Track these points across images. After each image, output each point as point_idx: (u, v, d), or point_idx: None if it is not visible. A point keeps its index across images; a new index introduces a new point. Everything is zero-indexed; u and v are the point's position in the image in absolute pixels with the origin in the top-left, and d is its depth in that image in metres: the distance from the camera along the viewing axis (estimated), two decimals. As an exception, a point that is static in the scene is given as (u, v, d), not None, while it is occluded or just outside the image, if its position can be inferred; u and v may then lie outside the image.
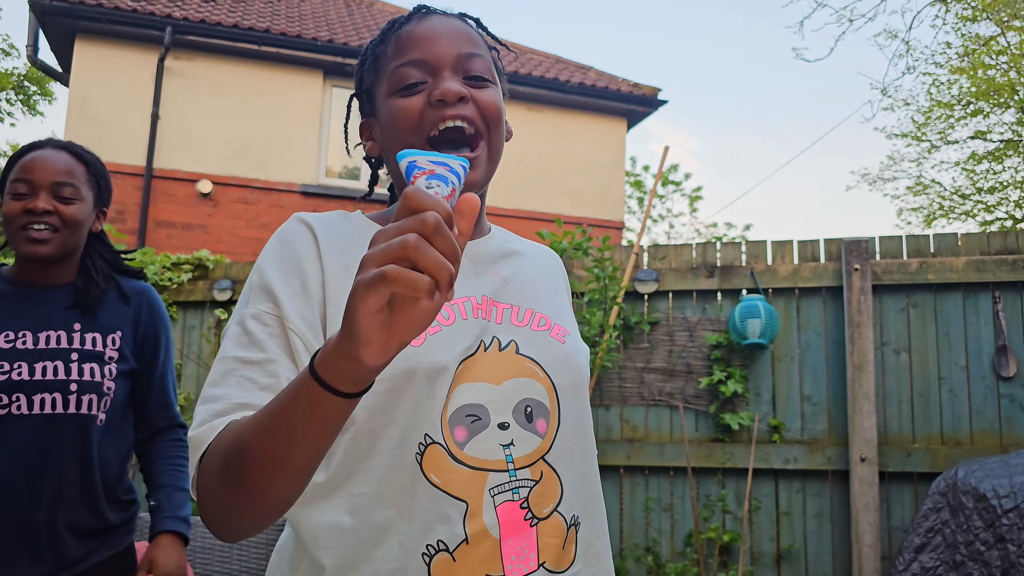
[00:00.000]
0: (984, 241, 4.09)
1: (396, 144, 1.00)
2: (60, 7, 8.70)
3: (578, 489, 1.00)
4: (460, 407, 0.94)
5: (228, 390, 0.89)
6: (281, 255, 0.97)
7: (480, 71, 1.01)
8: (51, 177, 1.69)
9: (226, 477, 0.80)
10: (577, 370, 1.05)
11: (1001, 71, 14.31)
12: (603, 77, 10.95)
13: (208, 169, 9.10)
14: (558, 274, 1.20)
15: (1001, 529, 3.27)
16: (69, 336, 1.69)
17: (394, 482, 0.91)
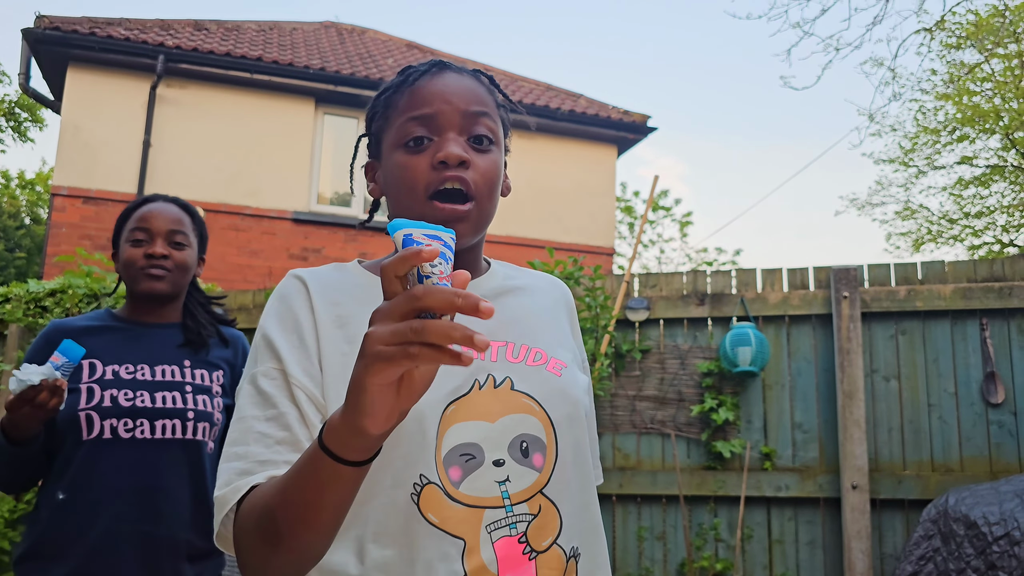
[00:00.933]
0: (971, 268, 4.13)
1: (398, 198, 1.05)
2: (53, 36, 8.74)
3: (577, 520, 1.03)
4: (454, 447, 0.97)
5: (248, 448, 0.94)
6: (279, 312, 1.04)
7: (484, 132, 1.05)
8: (166, 226, 1.94)
9: (263, 539, 0.87)
10: (574, 402, 1.06)
11: (986, 97, 14.50)
12: (593, 104, 11.04)
13: (199, 196, 9.10)
14: (560, 304, 1.20)
15: (992, 556, 3.27)
16: (181, 370, 1.90)
17: (392, 523, 0.95)
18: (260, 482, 0.91)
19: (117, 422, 1.79)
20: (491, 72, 1.20)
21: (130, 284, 1.95)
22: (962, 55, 14.23)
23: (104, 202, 8.85)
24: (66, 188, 8.78)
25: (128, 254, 1.93)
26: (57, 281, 4.97)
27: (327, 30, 12.25)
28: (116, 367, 1.84)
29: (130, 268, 1.93)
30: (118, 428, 1.79)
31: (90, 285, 4.92)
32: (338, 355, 0.99)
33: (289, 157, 9.37)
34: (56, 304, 4.91)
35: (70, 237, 8.60)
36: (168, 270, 1.93)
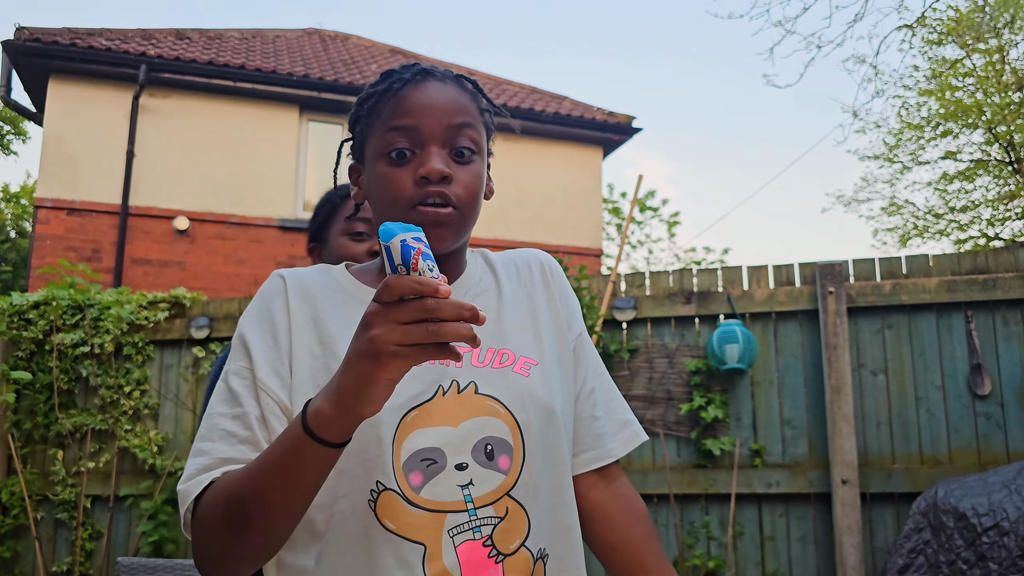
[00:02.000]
0: (955, 261, 4.15)
1: (381, 208, 1.07)
2: (33, 47, 8.69)
3: (546, 522, 1.03)
4: (415, 452, 0.97)
5: (213, 445, 0.97)
6: (258, 311, 1.07)
7: (466, 144, 1.07)
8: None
9: (229, 526, 0.90)
10: (542, 404, 1.05)
11: (968, 92, 14.61)
12: (578, 106, 11.06)
13: (184, 206, 9.07)
14: (535, 279, 1.19)
15: (982, 547, 3.28)
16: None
17: (349, 530, 0.97)
18: (216, 477, 0.94)
19: None
20: (475, 76, 1.21)
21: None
22: (943, 51, 14.34)
23: (88, 213, 8.80)
24: (50, 200, 8.73)
25: (349, 249, 1.65)
26: (40, 293, 4.94)
27: (310, 37, 12.23)
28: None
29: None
30: None
31: (74, 296, 4.89)
32: (308, 357, 1.02)
33: (274, 165, 9.35)
34: (40, 316, 4.88)
35: (55, 249, 8.55)
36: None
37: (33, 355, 4.89)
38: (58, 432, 4.79)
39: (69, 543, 4.74)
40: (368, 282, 1.11)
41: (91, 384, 4.85)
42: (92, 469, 4.77)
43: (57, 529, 4.80)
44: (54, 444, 4.85)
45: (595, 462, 1.15)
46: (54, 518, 4.79)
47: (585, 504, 1.15)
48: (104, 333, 4.82)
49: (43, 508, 4.81)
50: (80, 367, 4.84)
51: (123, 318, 4.80)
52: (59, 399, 4.81)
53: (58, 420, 4.78)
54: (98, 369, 4.84)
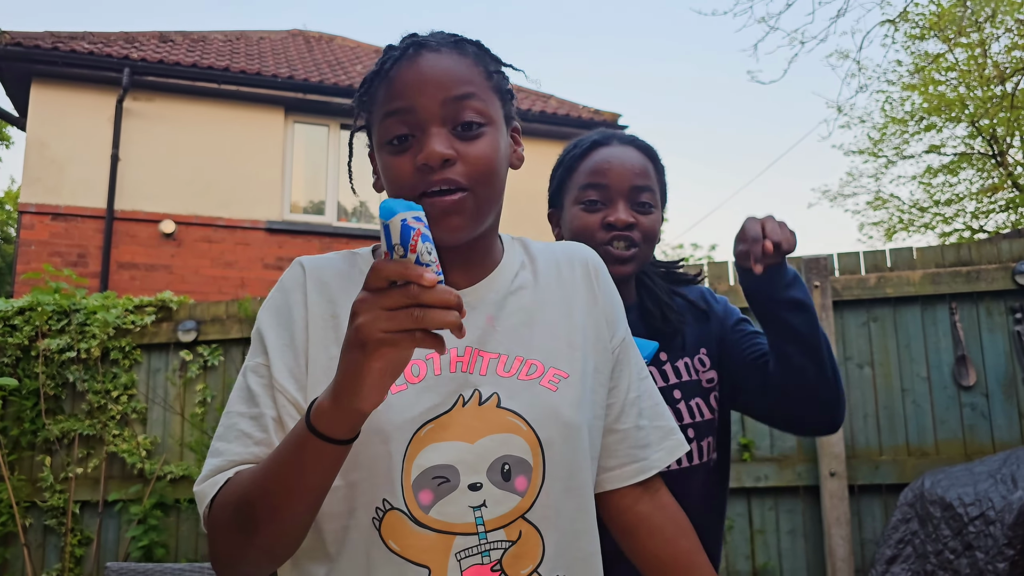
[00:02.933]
0: (939, 254, 4.18)
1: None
2: (15, 52, 8.63)
3: (564, 549, 0.96)
4: (427, 469, 0.92)
5: (228, 445, 0.94)
6: (277, 305, 1.02)
7: (472, 117, 0.98)
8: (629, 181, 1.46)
9: (239, 528, 0.87)
10: (568, 423, 0.98)
11: (951, 87, 14.70)
12: (564, 105, 11.07)
13: (170, 209, 9.03)
14: (578, 290, 1.09)
15: (969, 537, 3.31)
16: (659, 369, 1.43)
17: (352, 547, 0.93)
18: (231, 477, 0.92)
19: None
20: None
21: None
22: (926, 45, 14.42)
23: (73, 218, 8.75)
24: (34, 205, 8.68)
25: (580, 222, 1.45)
26: (25, 299, 4.91)
27: (295, 38, 12.20)
28: None
29: (585, 240, 1.41)
30: None
31: (59, 301, 4.87)
32: (325, 357, 0.96)
33: (260, 166, 9.32)
34: (25, 322, 4.85)
35: (39, 254, 8.49)
36: (636, 244, 1.41)
37: (19, 361, 4.86)
38: (45, 438, 4.76)
39: (58, 549, 4.72)
40: None
41: (78, 389, 4.82)
42: (80, 475, 4.74)
43: (46, 536, 4.77)
44: (41, 450, 4.82)
45: (640, 474, 1.09)
46: (42, 524, 4.76)
47: (629, 517, 1.09)
48: (91, 338, 4.80)
49: (31, 515, 4.78)
50: (67, 372, 4.81)
51: (109, 322, 4.78)
52: (46, 405, 4.79)
53: (45, 426, 4.76)
54: (85, 374, 4.81)
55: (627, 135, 1.51)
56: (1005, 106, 12.39)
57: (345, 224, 9.94)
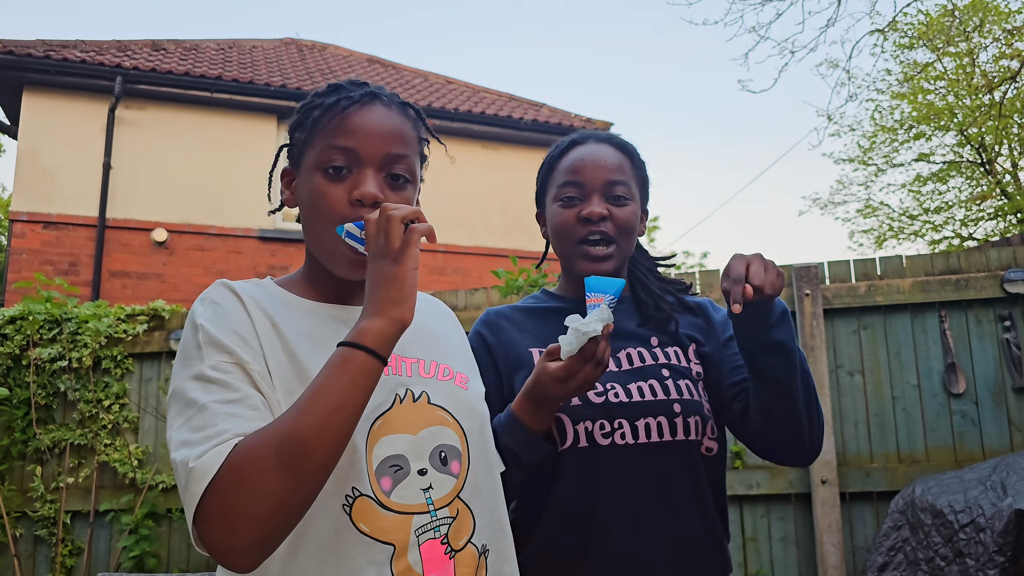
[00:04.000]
0: (928, 262, 4.21)
1: (312, 219, 1.14)
2: (7, 60, 8.62)
3: (487, 520, 1.14)
4: (384, 459, 1.05)
5: (219, 425, 0.93)
6: (217, 315, 1.06)
7: (402, 172, 1.14)
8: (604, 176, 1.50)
9: (286, 468, 0.88)
10: (481, 414, 1.19)
11: (940, 95, 14.81)
12: (556, 113, 11.11)
13: (163, 217, 9.02)
14: (449, 322, 1.33)
15: (959, 544, 3.33)
16: (651, 351, 1.48)
17: (319, 531, 1.01)
18: (237, 441, 0.91)
19: (592, 425, 1.38)
20: (453, 84, 1.31)
21: (568, 260, 1.52)
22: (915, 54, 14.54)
23: (65, 226, 8.73)
24: (25, 214, 8.65)
25: (559, 218, 1.50)
26: (16, 308, 4.89)
27: (287, 47, 12.22)
28: None
29: (564, 236, 1.49)
30: (594, 433, 1.37)
31: (51, 310, 4.85)
32: (275, 362, 1.04)
33: (253, 175, 9.30)
34: (16, 331, 4.84)
35: (31, 263, 8.47)
36: (612, 239, 1.46)
37: (10, 370, 4.84)
38: (36, 448, 4.74)
39: (49, 560, 4.69)
40: (299, 292, 1.16)
41: (69, 399, 4.81)
42: (71, 484, 4.72)
43: (36, 546, 4.75)
44: (32, 460, 4.80)
45: None
46: (33, 535, 4.74)
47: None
48: (82, 347, 4.78)
49: (22, 525, 4.75)
50: (58, 381, 4.80)
51: (101, 331, 4.77)
52: (37, 414, 4.77)
53: (36, 436, 4.74)
54: (76, 383, 4.80)
55: (604, 133, 1.56)
56: (993, 115, 12.48)
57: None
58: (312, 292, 1.17)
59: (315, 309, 1.14)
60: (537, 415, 1.28)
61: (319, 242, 1.12)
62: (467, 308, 4.67)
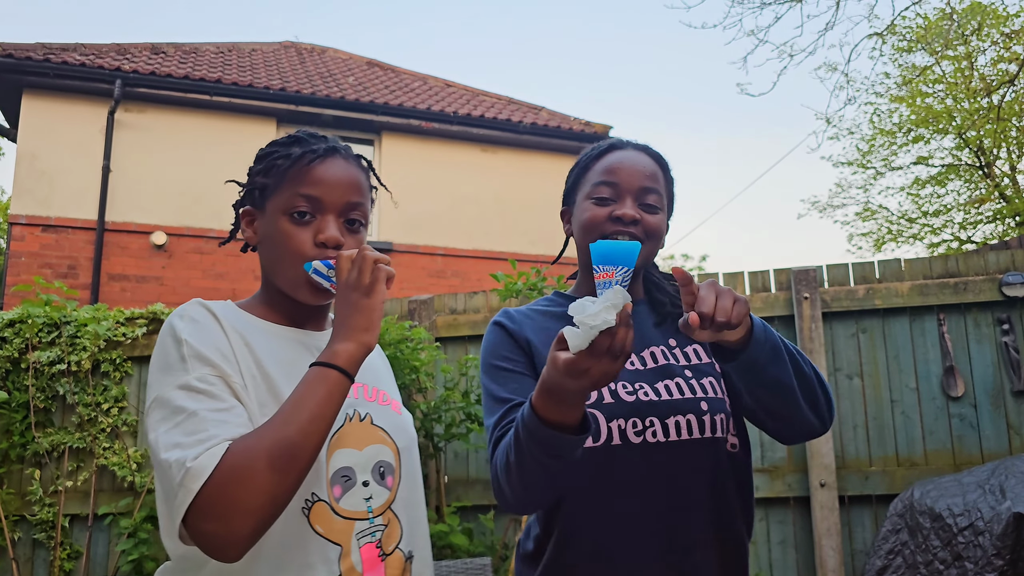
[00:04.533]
0: (927, 266, 4.22)
1: (277, 258, 1.27)
2: (6, 63, 8.62)
3: (412, 530, 1.30)
4: (337, 469, 1.21)
5: (210, 431, 1.05)
6: (199, 331, 1.17)
7: (357, 217, 1.29)
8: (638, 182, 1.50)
9: (278, 469, 1.02)
10: (411, 436, 1.36)
11: (938, 99, 14.83)
12: (555, 117, 11.12)
13: (162, 220, 9.02)
14: (380, 355, 1.49)
15: (958, 547, 3.33)
16: (671, 351, 1.50)
17: (281, 531, 1.12)
18: (228, 445, 1.04)
19: (625, 423, 1.39)
20: (452, 88, 1.39)
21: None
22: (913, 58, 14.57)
23: (64, 229, 8.73)
24: (24, 217, 8.65)
25: (589, 214, 1.50)
26: (15, 311, 4.89)
27: (287, 50, 12.22)
28: None
29: (592, 231, 1.49)
30: (627, 431, 1.39)
31: (50, 314, 4.85)
32: (249, 376, 1.17)
33: (252, 178, 9.31)
34: (15, 334, 4.83)
35: (30, 266, 8.47)
36: (639, 240, 1.45)
37: (8, 374, 4.84)
38: (35, 451, 4.73)
39: (47, 564, 4.69)
40: (261, 315, 1.30)
41: (68, 402, 4.80)
42: (70, 488, 4.71)
43: (35, 550, 4.74)
44: (31, 463, 4.79)
45: None
46: (31, 538, 4.73)
47: None
48: (81, 350, 4.78)
49: (20, 528, 4.75)
50: (57, 385, 4.79)
51: (100, 335, 4.76)
52: (36, 418, 4.76)
53: (35, 439, 4.73)
54: (75, 387, 4.79)
55: (642, 143, 1.60)
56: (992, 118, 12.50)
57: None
58: (272, 315, 1.30)
59: (280, 332, 1.28)
60: (558, 408, 1.17)
61: (285, 275, 1.26)
62: (466, 311, 4.67)
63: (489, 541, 4.25)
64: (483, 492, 4.37)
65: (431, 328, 4.58)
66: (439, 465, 4.33)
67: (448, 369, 4.29)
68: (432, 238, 9.98)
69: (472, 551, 4.04)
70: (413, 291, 9.25)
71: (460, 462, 4.48)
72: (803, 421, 1.39)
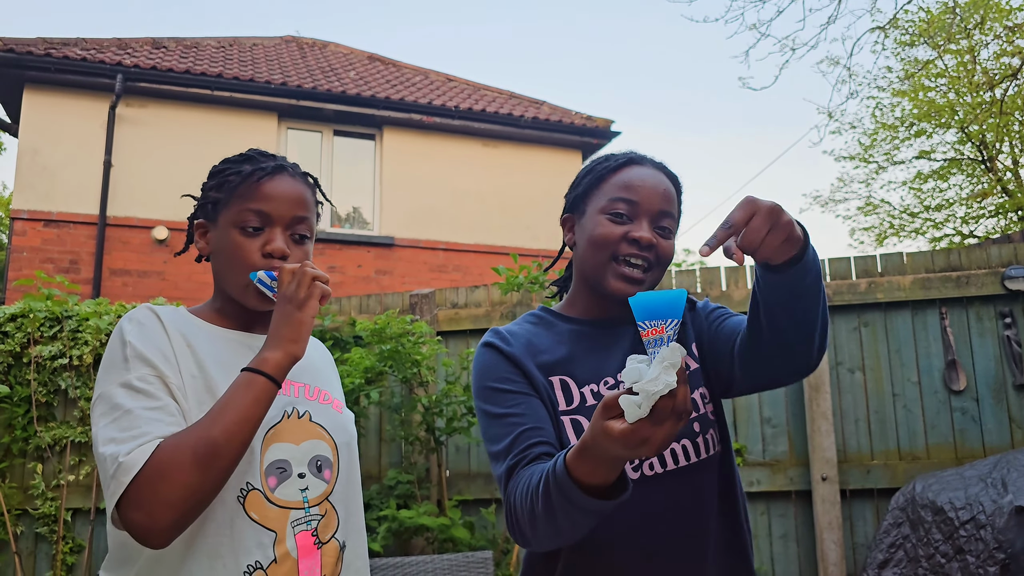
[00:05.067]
0: (929, 259, 4.21)
1: (226, 267, 1.37)
2: (7, 58, 8.62)
3: (346, 521, 1.37)
4: (272, 461, 1.29)
5: (143, 428, 1.15)
6: (143, 333, 1.27)
7: (304, 231, 1.39)
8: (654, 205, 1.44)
9: (201, 465, 1.12)
10: (351, 434, 1.44)
11: (941, 93, 14.80)
12: (556, 111, 11.10)
13: (163, 215, 9.02)
14: (325, 357, 1.59)
15: (960, 541, 3.33)
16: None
17: (217, 517, 1.22)
18: (159, 442, 1.13)
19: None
20: (454, 82, 1.42)
21: (596, 275, 1.44)
22: (916, 52, 14.52)
23: (65, 224, 8.73)
24: (26, 212, 8.65)
25: (603, 229, 1.42)
26: (17, 306, 4.89)
27: (288, 45, 12.20)
28: (595, 386, 1.41)
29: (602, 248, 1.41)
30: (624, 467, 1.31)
31: (52, 308, 4.85)
32: (189, 376, 1.26)
33: (253, 173, 9.31)
34: (17, 329, 4.84)
35: (32, 261, 8.47)
36: (651, 266, 1.41)
37: (10, 368, 4.84)
38: (37, 445, 4.74)
39: (49, 557, 4.70)
40: (210, 320, 1.39)
41: (70, 396, 4.81)
42: (72, 482, 4.72)
43: (37, 543, 4.75)
44: (33, 457, 4.80)
45: None
46: (34, 532, 4.74)
47: None
48: (83, 345, 4.78)
49: (22, 522, 4.76)
50: (59, 379, 4.79)
51: (102, 329, 4.76)
52: (37, 412, 4.77)
53: (37, 433, 4.74)
54: (77, 381, 4.80)
55: (659, 161, 1.53)
56: (994, 112, 12.47)
57: (339, 230, 9.95)
58: (221, 320, 1.40)
59: (225, 335, 1.38)
60: (597, 472, 1.09)
61: (234, 283, 1.35)
62: (467, 305, 4.67)
63: (491, 535, 4.25)
64: (484, 486, 4.37)
65: (432, 322, 4.59)
66: (440, 459, 4.33)
67: (449, 363, 4.29)
68: (433, 232, 9.98)
69: (474, 545, 4.04)
70: (414, 285, 9.25)
71: (462, 456, 4.49)
72: (805, 354, 1.32)
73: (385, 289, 9.32)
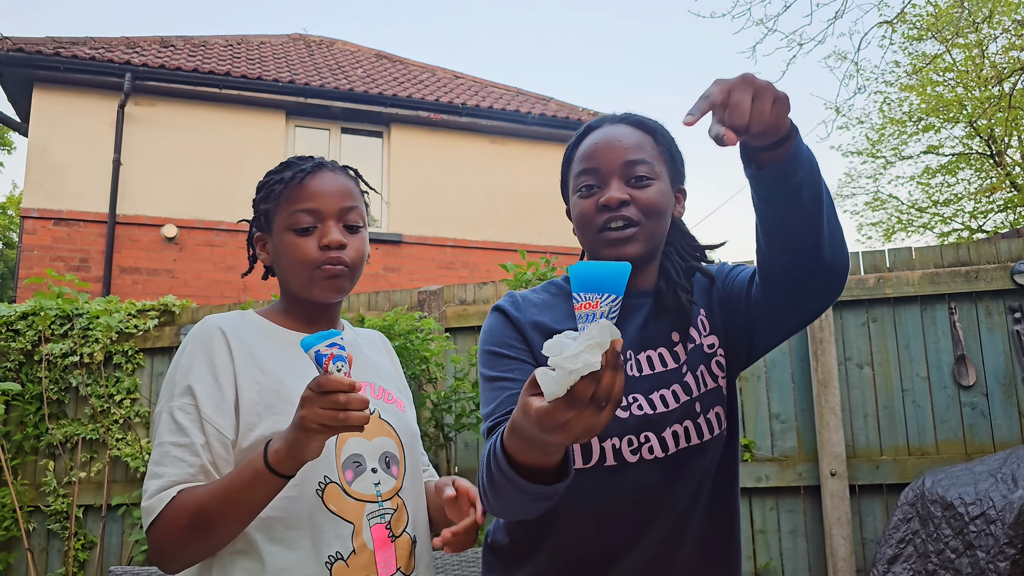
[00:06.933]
0: (938, 254, 4.20)
1: (289, 268, 1.41)
2: (17, 57, 8.66)
3: (416, 516, 1.42)
4: (349, 455, 1.34)
5: (166, 469, 1.24)
6: (196, 355, 1.32)
7: (355, 221, 1.42)
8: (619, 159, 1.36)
9: (194, 531, 1.20)
10: (414, 433, 1.49)
11: (949, 87, 14.73)
12: (563, 107, 11.09)
13: (173, 213, 9.05)
14: (384, 351, 1.63)
15: (969, 536, 3.33)
16: (671, 351, 1.36)
17: (298, 510, 1.27)
18: (174, 495, 1.22)
19: (619, 442, 1.29)
20: (461, 79, 1.42)
21: (593, 253, 1.39)
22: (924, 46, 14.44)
23: (75, 223, 8.77)
24: (36, 210, 8.70)
25: (579, 208, 1.38)
26: (28, 304, 4.93)
27: (295, 43, 12.23)
28: None
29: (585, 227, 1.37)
30: (622, 450, 1.29)
31: (62, 306, 4.89)
32: (254, 383, 1.31)
33: (261, 171, 9.23)
34: (28, 327, 4.87)
35: (42, 259, 8.52)
36: (634, 222, 1.32)
37: (22, 366, 4.88)
38: (48, 442, 4.78)
39: (61, 554, 4.73)
40: (276, 320, 1.44)
41: (81, 394, 4.84)
42: (83, 479, 4.76)
43: (49, 540, 4.79)
44: (45, 455, 4.83)
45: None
46: (46, 529, 4.78)
47: None
48: (93, 342, 4.81)
49: (34, 519, 4.79)
50: (70, 377, 4.83)
51: (112, 327, 4.79)
52: (49, 409, 4.80)
53: (48, 430, 4.77)
54: (88, 378, 4.83)
55: (620, 115, 1.44)
56: (1003, 106, 12.40)
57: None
58: (286, 321, 1.45)
59: (285, 336, 1.42)
60: (532, 455, 1.01)
61: (297, 280, 1.40)
62: (476, 302, 4.68)
63: (500, 531, 4.26)
64: (493, 482, 4.38)
65: (441, 319, 4.60)
66: (449, 455, 4.35)
67: (458, 359, 4.31)
68: (442, 230, 9.99)
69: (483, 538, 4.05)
70: (423, 282, 9.26)
71: (471, 452, 4.50)
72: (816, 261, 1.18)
73: (393, 286, 9.34)
